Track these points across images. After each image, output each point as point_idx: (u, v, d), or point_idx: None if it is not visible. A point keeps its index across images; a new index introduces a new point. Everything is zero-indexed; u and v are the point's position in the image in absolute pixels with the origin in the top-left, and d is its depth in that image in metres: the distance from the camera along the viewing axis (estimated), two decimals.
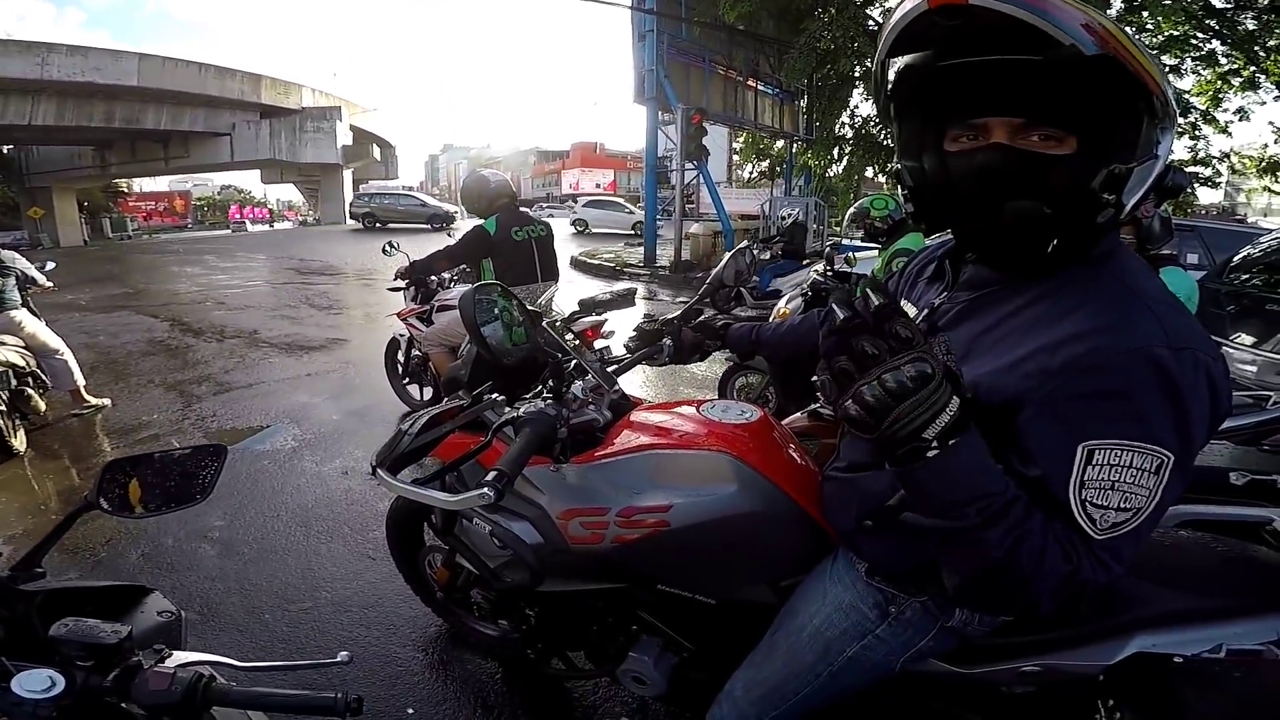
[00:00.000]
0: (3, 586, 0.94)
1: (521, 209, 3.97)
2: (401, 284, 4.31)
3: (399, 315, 4.36)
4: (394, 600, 2.43)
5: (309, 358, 6.25)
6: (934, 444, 0.69)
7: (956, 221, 0.90)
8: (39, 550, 0.99)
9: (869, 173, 14.00)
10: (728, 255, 2.07)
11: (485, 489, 1.04)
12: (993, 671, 1.05)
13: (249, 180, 50.21)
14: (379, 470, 1.21)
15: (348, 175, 37.76)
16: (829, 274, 4.14)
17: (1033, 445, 0.78)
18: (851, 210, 4.00)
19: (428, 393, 4.42)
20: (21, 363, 4.00)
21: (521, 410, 1.26)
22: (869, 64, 11.22)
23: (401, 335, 4.45)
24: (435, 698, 2.00)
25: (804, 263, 8.58)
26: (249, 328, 7.62)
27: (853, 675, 1.08)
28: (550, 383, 1.38)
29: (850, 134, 13.14)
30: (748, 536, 1.21)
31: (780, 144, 18.42)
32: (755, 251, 2.06)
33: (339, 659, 0.91)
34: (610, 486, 1.30)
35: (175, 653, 0.86)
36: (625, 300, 7.09)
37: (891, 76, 0.88)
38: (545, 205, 39.01)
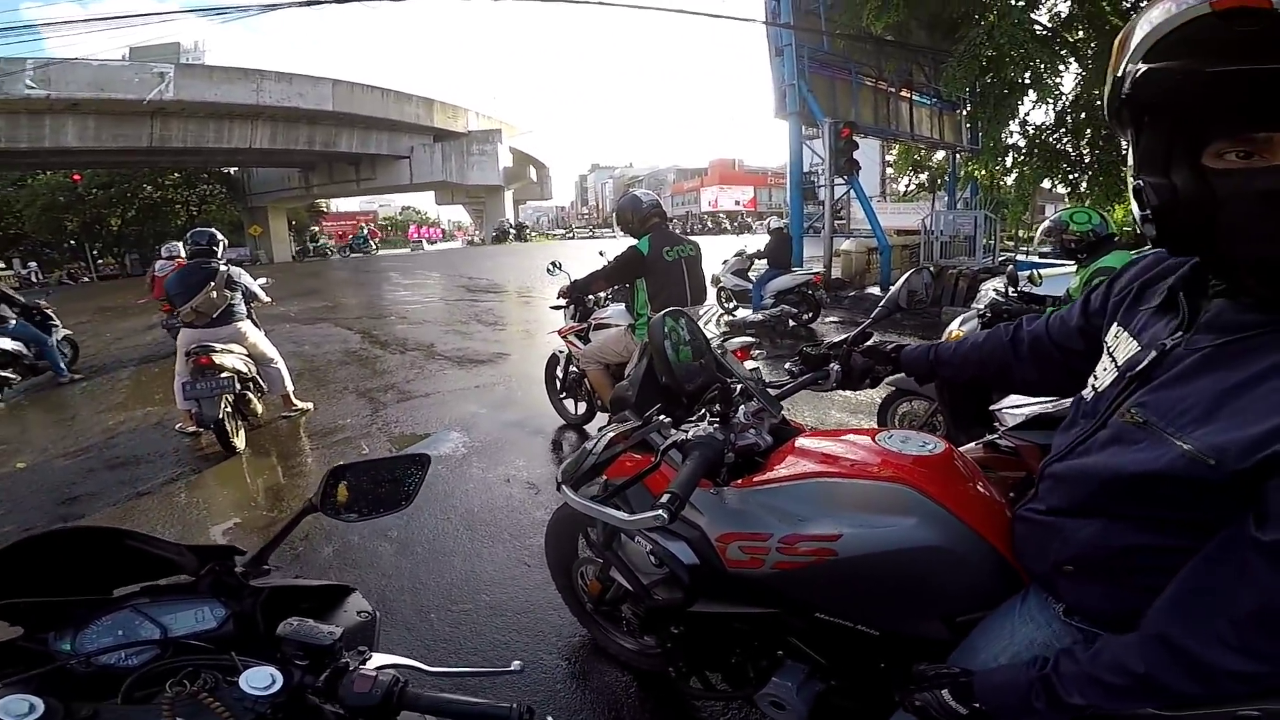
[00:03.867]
0: (239, 582, 1.01)
1: (671, 229, 4.02)
2: (562, 302, 4.52)
3: (559, 333, 4.58)
4: (544, 608, 2.51)
5: (477, 370, 6.72)
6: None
7: (1219, 251, 0.78)
8: (268, 549, 1.05)
9: (1045, 184, 12.85)
10: (904, 275, 1.95)
11: (659, 510, 1.06)
12: (1203, 715, 0.92)
13: (424, 201, 55.30)
14: (564, 487, 1.24)
15: (508, 196, 40.21)
16: (1012, 294, 3.79)
17: (1274, 510, 0.71)
18: (1047, 224, 3.65)
19: (581, 407, 4.60)
20: (245, 370, 4.63)
21: (690, 433, 1.27)
22: (1039, 68, 10.46)
23: (560, 352, 4.65)
24: (573, 706, 2.06)
25: (790, 270, 8.76)
26: (427, 341, 8.37)
27: None
28: (718, 406, 1.37)
29: (1023, 143, 12.15)
30: (925, 570, 1.15)
31: (940, 155, 17.37)
32: (931, 270, 1.93)
33: (512, 668, 0.96)
34: (773, 512, 1.27)
35: (374, 655, 0.90)
36: (779, 320, 6.99)
37: (1133, 78, 0.77)
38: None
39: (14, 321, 6.75)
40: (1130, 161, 0.83)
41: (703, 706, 2.03)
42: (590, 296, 4.46)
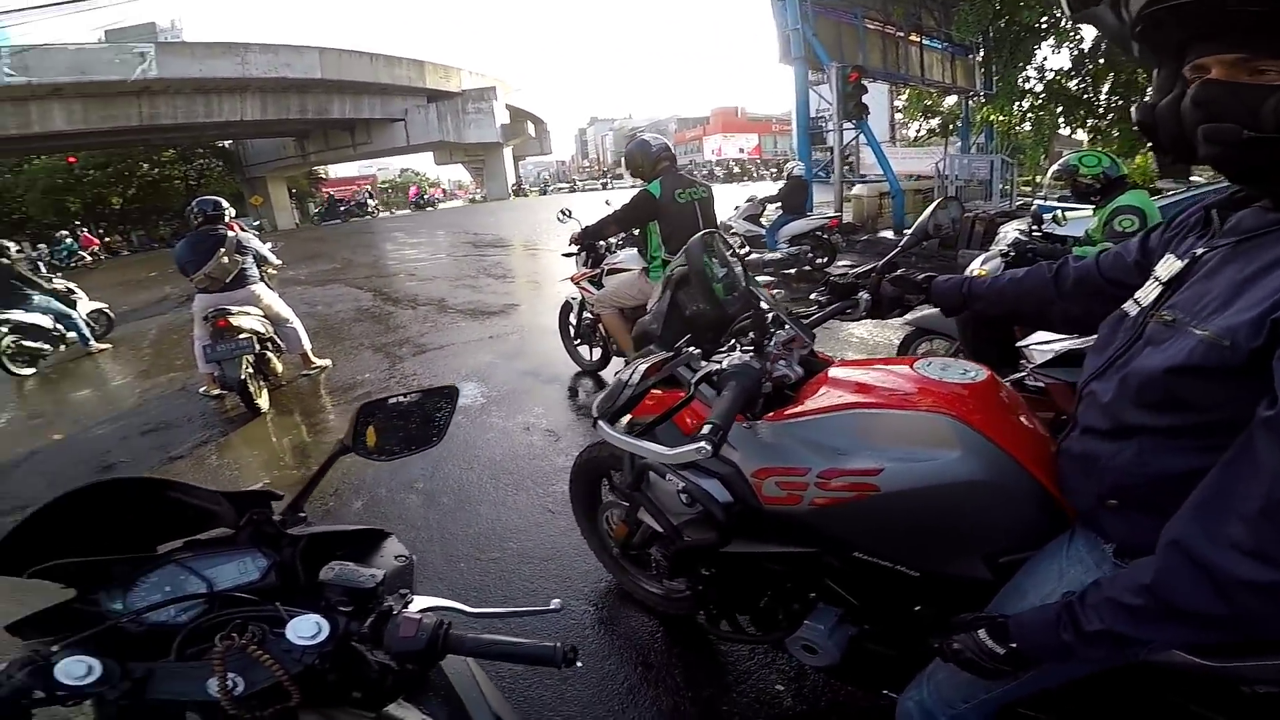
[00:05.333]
0: (277, 531, 0.99)
1: (683, 172, 3.95)
2: (574, 249, 4.48)
3: (572, 279, 4.55)
4: (570, 554, 2.54)
5: (489, 322, 6.75)
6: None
7: (1190, 157, 0.83)
8: (303, 495, 1.04)
9: (1065, 130, 12.52)
10: (932, 204, 1.90)
11: (701, 443, 1.01)
12: (1241, 666, 0.90)
13: (423, 162, 54.53)
14: (600, 423, 1.20)
15: (508, 152, 39.62)
16: (1035, 234, 3.77)
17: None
18: (1055, 168, 3.64)
19: (596, 353, 4.61)
20: (263, 330, 4.68)
21: (724, 363, 1.22)
22: (1056, 14, 9.99)
23: (573, 299, 4.63)
24: (601, 652, 2.06)
25: (805, 215, 8.67)
26: (437, 296, 8.37)
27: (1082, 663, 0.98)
28: (751, 335, 1.32)
29: (1040, 88, 11.80)
30: (969, 506, 1.10)
31: (952, 100, 17.00)
32: (960, 203, 1.91)
33: (552, 606, 0.93)
34: (811, 446, 1.22)
35: (415, 597, 0.89)
36: (797, 260, 6.95)
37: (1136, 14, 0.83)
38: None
39: (36, 297, 7.04)
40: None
41: (729, 651, 2.02)
42: (602, 242, 4.42)
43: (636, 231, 4.06)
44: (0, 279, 6.90)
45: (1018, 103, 12.04)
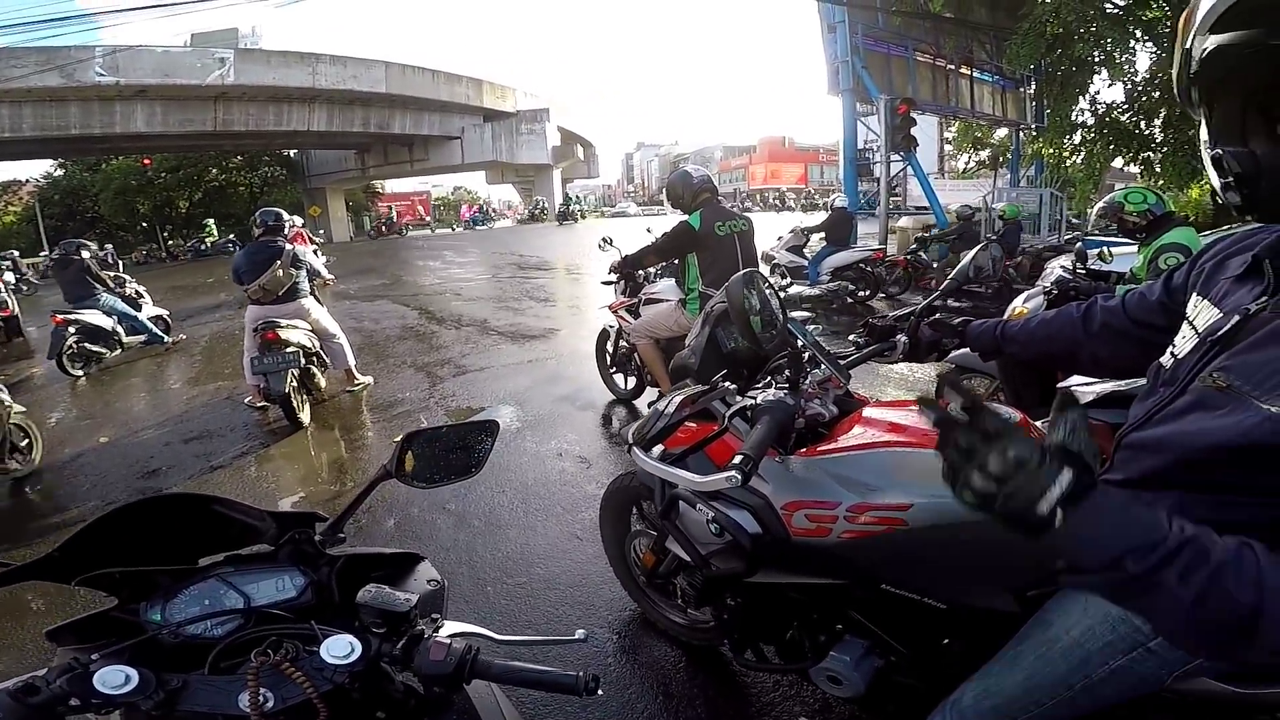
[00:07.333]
0: (317, 551, 1.00)
1: (723, 204, 3.98)
2: (613, 278, 4.53)
3: (610, 308, 4.59)
4: (595, 582, 2.54)
5: (529, 346, 6.83)
6: (1054, 513, 0.67)
7: None
8: (343, 517, 1.04)
9: (1117, 163, 12.44)
10: (973, 251, 1.91)
11: (733, 472, 1.06)
12: (1275, 694, 0.92)
13: (474, 181, 56.00)
14: (635, 449, 1.26)
15: (556, 175, 40.46)
16: (1079, 271, 3.72)
17: None
18: (1100, 205, 3.66)
19: (631, 382, 4.63)
20: (310, 345, 4.79)
21: (759, 399, 1.26)
22: (1109, 46, 10.07)
23: (611, 327, 4.67)
24: (623, 680, 2.06)
25: (849, 247, 8.61)
26: (480, 317, 8.52)
27: (1110, 689, 1.00)
28: (787, 372, 1.36)
29: (1091, 121, 11.77)
30: (998, 543, 1.10)
31: (1003, 133, 16.96)
32: (1001, 246, 1.93)
33: (577, 637, 0.94)
34: (841, 481, 1.26)
35: (446, 622, 0.90)
36: (836, 296, 6.89)
37: (1200, 55, 0.78)
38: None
39: (104, 297, 7.24)
40: (1205, 135, 0.84)
41: (753, 682, 2.02)
42: (640, 272, 4.46)
43: (676, 262, 4.10)
44: (75, 275, 7.19)
45: (1069, 136, 11.97)
